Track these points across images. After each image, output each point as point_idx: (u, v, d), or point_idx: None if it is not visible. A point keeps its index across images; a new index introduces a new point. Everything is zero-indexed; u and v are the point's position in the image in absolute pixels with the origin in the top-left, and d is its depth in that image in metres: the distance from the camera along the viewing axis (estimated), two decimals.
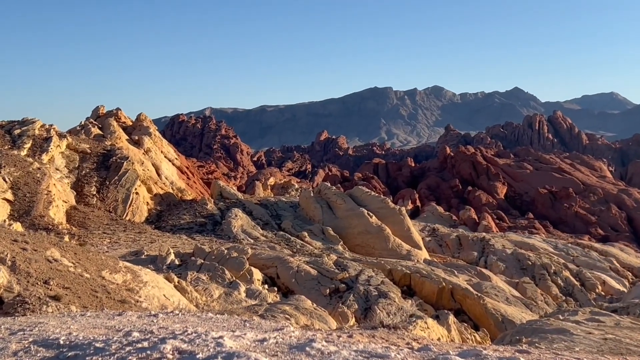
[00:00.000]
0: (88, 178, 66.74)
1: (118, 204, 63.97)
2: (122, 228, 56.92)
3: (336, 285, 40.10)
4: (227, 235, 59.28)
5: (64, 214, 56.77)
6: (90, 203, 62.77)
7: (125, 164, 69.19)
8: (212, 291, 33.39)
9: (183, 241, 54.40)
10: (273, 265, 43.04)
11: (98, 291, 20.31)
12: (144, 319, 11.99)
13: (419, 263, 55.22)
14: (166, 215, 66.95)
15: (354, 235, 64.80)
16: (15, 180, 55.92)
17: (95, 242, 48.82)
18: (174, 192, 77.96)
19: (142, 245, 49.46)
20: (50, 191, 56.25)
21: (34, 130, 69.88)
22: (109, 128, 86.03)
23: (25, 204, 53.22)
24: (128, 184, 66.71)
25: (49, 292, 18.71)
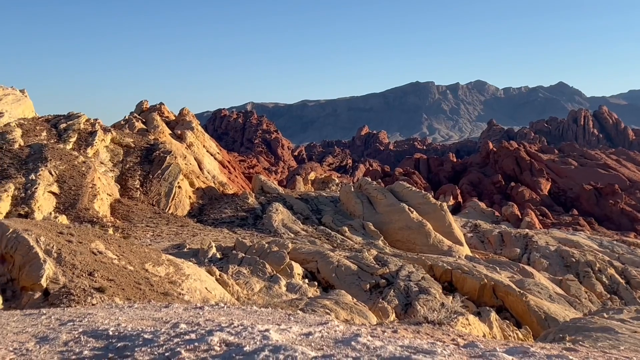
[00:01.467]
0: (132, 172, 67.69)
1: (161, 198, 64.76)
2: (165, 221, 57.60)
3: (376, 281, 39.96)
4: (267, 229, 59.54)
5: (108, 207, 57.68)
6: (133, 196, 63.67)
7: (168, 158, 70.00)
8: (253, 285, 33.56)
9: (224, 235, 54.81)
10: (313, 260, 43.07)
11: (141, 283, 20.55)
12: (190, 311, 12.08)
13: (461, 259, 54.71)
14: (208, 209, 67.54)
15: (395, 231, 64.50)
16: (61, 174, 56.98)
17: (138, 235, 49.50)
18: (216, 186, 78.63)
19: (184, 238, 49.99)
20: (95, 184, 57.19)
21: (79, 124, 71.09)
22: (152, 122, 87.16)
23: (70, 197, 54.19)
24: (171, 177, 67.48)
25: (93, 284, 18.99)
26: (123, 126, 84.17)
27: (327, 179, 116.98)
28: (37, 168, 55.59)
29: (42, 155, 58.73)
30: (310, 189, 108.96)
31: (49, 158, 58.24)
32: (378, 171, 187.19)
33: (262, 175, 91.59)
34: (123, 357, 7.99)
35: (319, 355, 7.00)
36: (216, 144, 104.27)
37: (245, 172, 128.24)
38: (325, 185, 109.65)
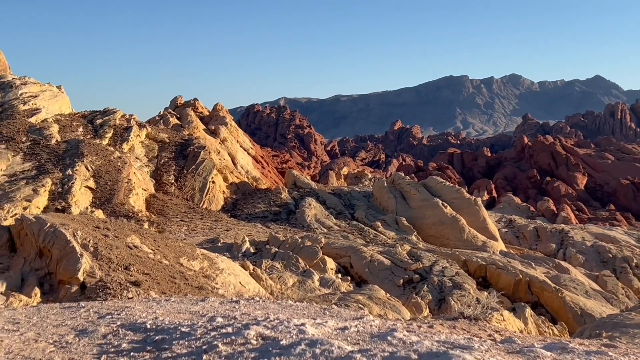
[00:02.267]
0: (166, 167, 68.31)
1: (195, 193, 65.28)
2: (199, 216, 58.04)
3: (410, 276, 39.82)
4: (300, 224, 59.65)
5: (143, 201, 58.31)
6: (168, 191, 64.28)
7: (202, 153, 70.49)
8: (286, 279, 33.67)
9: (258, 229, 55.05)
10: (346, 255, 43.06)
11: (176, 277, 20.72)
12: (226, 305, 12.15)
13: (495, 254, 54.23)
14: (241, 204, 67.90)
15: (428, 226, 64.17)
16: (97, 169, 57.74)
17: (173, 230, 49.97)
18: (249, 181, 78.99)
19: (218, 233, 50.33)
20: (130, 179, 57.85)
21: (115, 120, 71.93)
22: (186, 118, 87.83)
23: (106, 192, 54.89)
24: (205, 172, 67.96)
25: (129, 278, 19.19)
26: (158, 122, 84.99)
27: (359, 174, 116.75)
28: (74, 163, 56.39)
29: (79, 150, 59.56)
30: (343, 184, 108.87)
31: (85, 153, 59.04)
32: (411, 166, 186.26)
33: (295, 170, 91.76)
34: (161, 350, 8.06)
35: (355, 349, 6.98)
36: (249, 139, 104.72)
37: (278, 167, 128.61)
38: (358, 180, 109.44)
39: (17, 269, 20.61)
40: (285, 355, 7.01)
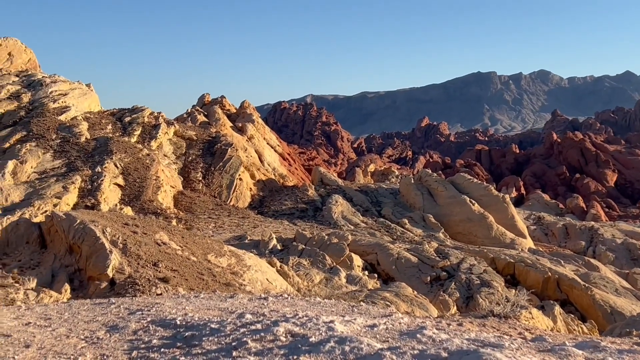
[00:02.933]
0: (194, 164, 68.75)
1: (222, 190, 65.62)
2: (227, 213, 58.33)
3: (437, 273, 39.65)
4: (327, 221, 59.69)
5: (171, 198, 58.75)
6: (196, 188, 64.68)
7: (229, 150, 70.81)
8: (313, 276, 33.72)
9: (285, 226, 55.20)
10: (373, 252, 43.00)
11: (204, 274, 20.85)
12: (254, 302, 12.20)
13: (523, 252, 53.77)
14: (268, 201, 68.13)
15: (456, 223, 63.84)
16: (125, 166, 58.27)
17: (201, 227, 50.28)
18: (276, 178, 79.20)
19: (245, 230, 50.54)
20: (158, 177, 58.31)
21: (143, 117, 72.52)
22: (214, 115, 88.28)
23: (135, 189, 55.38)
24: (232, 170, 68.27)
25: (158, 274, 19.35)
26: (185, 119, 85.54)
27: (386, 171, 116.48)
28: (103, 161, 56.97)
29: (108, 148, 60.16)
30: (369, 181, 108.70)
31: (114, 151, 59.62)
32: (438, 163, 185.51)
33: (321, 168, 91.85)
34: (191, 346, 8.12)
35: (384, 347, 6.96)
36: (276, 136, 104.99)
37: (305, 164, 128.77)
38: (385, 177, 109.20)
39: (48, 265, 20.88)
40: (314, 352, 7.02)
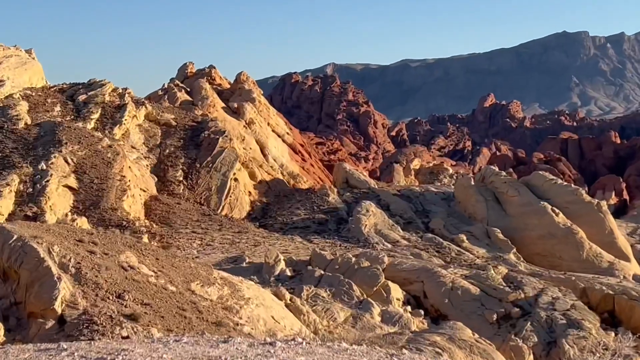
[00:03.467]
0: (173, 159, 68.98)
1: (211, 194, 65.82)
2: (217, 226, 58.47)
3: (507, 310, 39.52)
4: (355, 238, 59.66)
5: (141, 206, 58.99)
6: (175, 192, 64.93)
7: (220, 140, 70.97)
8: (335, 313, 33.72)
9: (296, 244, 55.24)
10: (418, 280, 42.94)
11: (186, 309, 20.90)
12: (257, 349, 12.13)
13: (627, 280, 53.43)
14: (274, 210, 68.24)
15: (533, 240, 63.56)
16: (79, 162, 58.57)
17: (182, 244, 50.46)
18: (285, 178, 79.36)
19: (242, 249, 50.66)
20: (124, 176, 58.54)
21: (103, 95, 72.89)
22: (199, 93, 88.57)
23: (92, 193, 55.64)
24: (224, 167, 68.42)
25: (123, 310, 19.41)
26: (161, 98, 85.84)
27: (436, 169, 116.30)
28: (49, 154, 57.23)
29: (55, 137, 60.46)
30: (413, 182, 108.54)
31: (64, 141, 59.89)
32: (508, 157, 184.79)
33: (347, 164, 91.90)
34: None
35: None
36: (285, 121, 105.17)
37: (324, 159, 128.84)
38: (435, 177, 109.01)
39: None
40: None
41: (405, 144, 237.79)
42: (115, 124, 68.83)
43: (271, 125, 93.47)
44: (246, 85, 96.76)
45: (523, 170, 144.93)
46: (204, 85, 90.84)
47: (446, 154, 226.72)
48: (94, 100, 71.62)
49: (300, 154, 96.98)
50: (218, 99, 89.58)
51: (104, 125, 68.50)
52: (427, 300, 41.45)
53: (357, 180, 77.86)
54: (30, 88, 71.69)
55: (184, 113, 78.28)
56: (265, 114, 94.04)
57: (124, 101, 73.07)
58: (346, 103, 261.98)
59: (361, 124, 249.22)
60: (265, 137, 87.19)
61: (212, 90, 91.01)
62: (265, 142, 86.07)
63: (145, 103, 75.93)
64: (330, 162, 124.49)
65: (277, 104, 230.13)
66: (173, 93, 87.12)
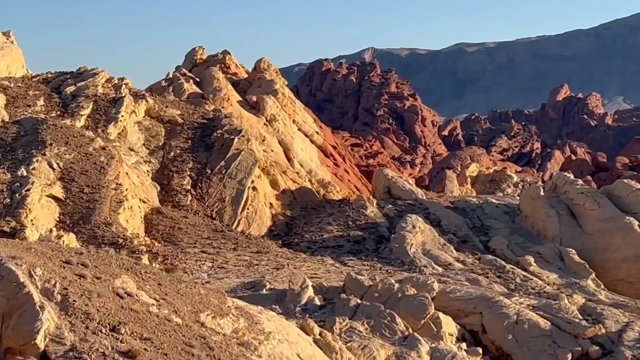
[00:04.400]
0: (179, 164, 69.23)
1: (225, 206, 65.98)
2: (232, 244, 58.60)
3: (584, 348, 39.33)
4: (398, 259, 59.61)
5: (141, 220, 59.26)
6: (182, 204, 65.15)
7: (236, 141, 71.10)
8: (375, 351, 33.69)
9: (327, 267, 55.25)
10: (475, 311, 42.81)
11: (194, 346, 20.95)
12: None
13: None
14: (300, 225, 68.30)
15: (616, 264, 63.19)
16: (67, 167, 58.89)
17: (189, 267, 50.62)
18: (314, 187, 79.39)
19: (262, 272, 50.73)
20: (120, 184, 58.82)
21: (95, 87, 73.25)
22: (211, 83, 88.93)
23: (82, 205, 55.93)
24: (241, 174, 68.55)
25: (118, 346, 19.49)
26: (165, 90, 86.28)
27: (498, 176, 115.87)
28: (30, 158, 57.56)
29: (38, 137, 60.79)
30: (470, 192, 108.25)
31: (48, 142, 60.23)
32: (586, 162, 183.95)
33: (389, 170, 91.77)
34: None
35: None
36: (314, 118, 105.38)
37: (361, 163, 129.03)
38: (496, 186, 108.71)
39: None
40: None
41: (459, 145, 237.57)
42: (109, 121, 69.16)
43: (297, 122, 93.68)
44: (267, 74, 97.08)
45: (604, 177, 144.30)
46: (217, 74, 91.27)
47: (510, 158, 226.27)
48: (84, 93, 71.96)
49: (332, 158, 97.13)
50: (233, 91, 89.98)
51: (96, 122, 68.84)
52: (486, 335, 41.33)
53: (401, 190, 77.76)
54: (8, 78, 72.11)
55: (192, 108, 78.49)
56: (290, 109, 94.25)
57: (121, 94, 73.36)
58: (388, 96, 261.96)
59: (406, 121, 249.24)
60: (290, 138, 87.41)
61: (226, 80, 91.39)
62: (290, 144, 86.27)
63: (146, 96, 76.22)
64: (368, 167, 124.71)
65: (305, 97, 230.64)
66: (179, 84, 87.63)
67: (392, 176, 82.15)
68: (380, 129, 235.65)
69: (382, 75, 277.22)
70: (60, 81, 75.15)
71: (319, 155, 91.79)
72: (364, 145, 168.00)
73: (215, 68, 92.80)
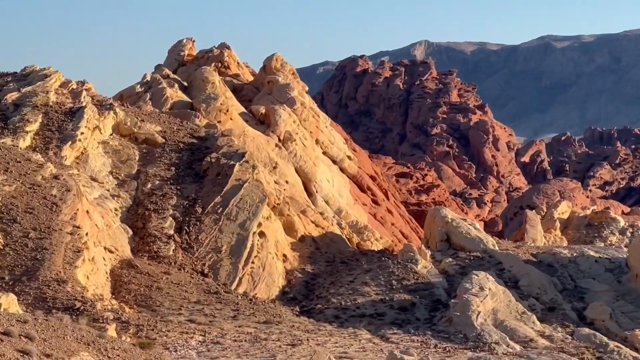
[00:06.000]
0: (158, 199, 69.43)
1: (221, 259, 66.05)
2: (231, 311, 58.70)
3: None
4: (460, 333, 59.61)
5: (106, 277, 59.41)
6: (162, 254, 65.29)
7: (237, 169, 71.23)
8: None
9: (362, 343, 55.26)
10: None
11: None
12: None
13: None
14: (325, 286, 68.33)
15: None
16: (7, 203, 59.18)
17: (172, 341, 50.69)
18: (344, 232, 79.45)
19: (272, 350, 50.78)
20: (78, 227, 59.05)
21: (46, 94, 73.60)
22: (204, 89, 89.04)
23: (25, 255, 56.10)
24: (244, 214, 68.69)
25: None
26: (140, 97, 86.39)
27: (598, 219, 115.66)
28: None
29: None
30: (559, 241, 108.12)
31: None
32: None
33: (448, 210, 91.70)
34: None
35: None
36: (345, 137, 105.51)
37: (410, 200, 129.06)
38: (595, 232, 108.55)
39: None
40: None
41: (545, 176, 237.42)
42: (64, 140, 69.41)
43: (322, 143, 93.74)
44: (281, 76, 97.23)
45: None
46: (211, 76, 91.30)
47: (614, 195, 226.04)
48: (30, 102, 72.32)
49: (369, 193, 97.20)
50: (234, 99, 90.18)
51: (46, 142, 69.16)
52: None
53: (464, 238, 77.74)
54: None
55: (178, 123, 78.68)
56: (313, 125, 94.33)
57: (80, 103, 73.64)
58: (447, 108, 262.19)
59: (472, 142, 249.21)
60: (311, 164, 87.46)
61: (223, 85, 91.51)
62: (311, 172, 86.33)
63: (115, 106, 76.42)
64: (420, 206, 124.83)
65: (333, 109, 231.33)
66: (160, 90, 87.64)
67: (452, 218, 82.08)
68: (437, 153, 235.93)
69: (439, 78, 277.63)
70: (1, 84, 75.57)
71: (352, 188, 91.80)
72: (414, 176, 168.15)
73: (209, 68, 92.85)
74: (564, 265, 74.30)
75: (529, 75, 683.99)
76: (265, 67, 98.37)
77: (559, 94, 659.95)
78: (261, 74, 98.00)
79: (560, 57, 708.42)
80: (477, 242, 77.29)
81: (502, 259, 73.60)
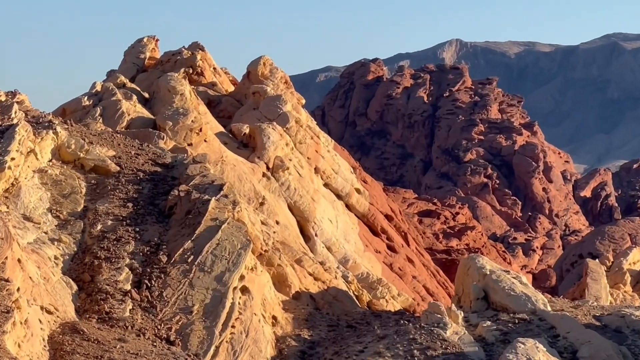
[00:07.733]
0: (111, 245, 69.62)
1: (191, 322, 66.19)
2: None
3: None
4: None
5: (43, 344, 59.52)
6: (115, 316, 65.43)
7: (213, 205, 71.49)
8: None
9: None
10: None
11: None
12: None
13: None
14: (325, 357, 68.49)
15: None
16: None
17: None
18: (352, 287, 79.67)
19: None
20: (7, 281, 59.23)
21: None
22: (169, 100, 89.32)
23: None
24: (221, 263, 68.83)
25: None
26: (88, 112, 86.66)
27: None
28: None
29: None
30: (629, 300, 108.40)
31: None
32: None
33: (486, 259, 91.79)
34: None
35: None
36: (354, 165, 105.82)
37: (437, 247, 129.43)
38: None
39: None
40: None
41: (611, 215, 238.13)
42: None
43: (322, 172, 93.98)
44: (270, 85, 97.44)
45: None
46: (180, 85, 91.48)
47: None
48: None
49: (384, 236, 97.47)
50: (209, 115, 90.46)
51: None
52: None
53: (506, 295, 77.86)
54: None
55: (136, 146, 78.90)
56: (311, 149, 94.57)
57: (10, 120, 74.00)
58: (485, 126, 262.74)
59: (518, 171, 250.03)
60: (309, 199, 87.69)
61: (196, 96, 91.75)
62: (309, 210, 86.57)
63: (55, 124, 76.66)
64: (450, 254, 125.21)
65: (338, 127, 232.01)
66: (113, 103, 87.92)
67: (491, 270, 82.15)
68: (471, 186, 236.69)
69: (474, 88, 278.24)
70: None
71: (362, 231, 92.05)
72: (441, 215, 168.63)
73: (177, 75, 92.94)
74: (636, 330, 74.24)
75: (591, 84, 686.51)
76: (249, 74, 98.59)
77: (629, 108, 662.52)
78: (244, 83, 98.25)
79: (630, 62, 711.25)
80: (523, 300, 77.30)
81: (555, 322, 73.58)
